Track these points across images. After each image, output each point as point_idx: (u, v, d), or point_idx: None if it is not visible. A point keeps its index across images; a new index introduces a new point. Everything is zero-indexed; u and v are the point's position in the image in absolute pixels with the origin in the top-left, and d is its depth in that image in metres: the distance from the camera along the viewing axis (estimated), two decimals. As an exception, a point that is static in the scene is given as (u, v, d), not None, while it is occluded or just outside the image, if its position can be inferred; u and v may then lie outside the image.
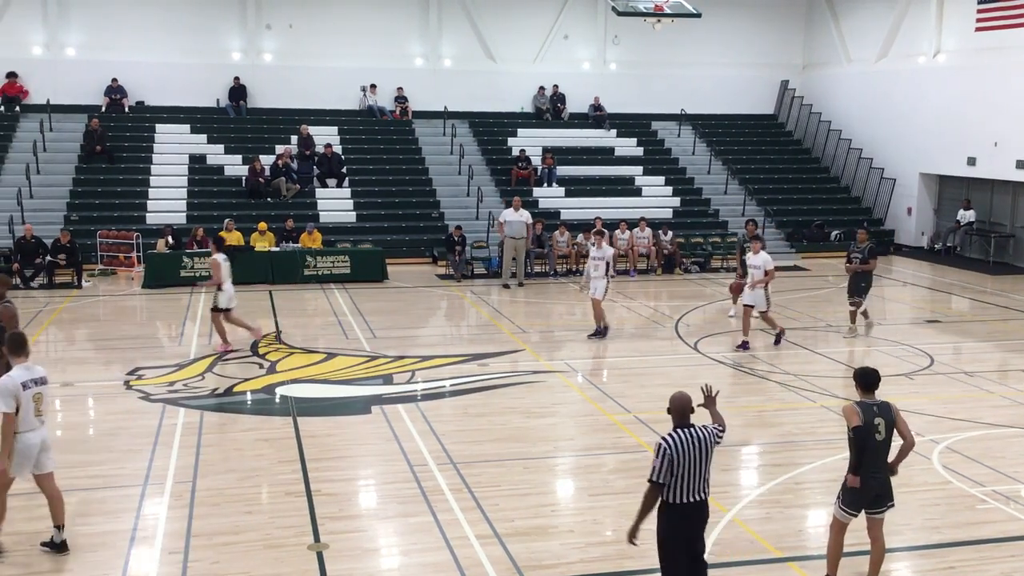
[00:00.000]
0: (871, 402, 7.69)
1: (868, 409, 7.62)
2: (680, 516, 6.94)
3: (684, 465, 6.84)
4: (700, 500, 6.98)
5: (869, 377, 7.78)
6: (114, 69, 29.49)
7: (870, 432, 7.56)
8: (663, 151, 32.19)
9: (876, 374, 7.81)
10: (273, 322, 18.52)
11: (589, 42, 33.30)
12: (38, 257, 22.17)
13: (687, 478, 6.86)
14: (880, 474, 7.66)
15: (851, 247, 17.68)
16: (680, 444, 6.85)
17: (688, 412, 7.03)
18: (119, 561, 8.40)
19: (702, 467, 6.92)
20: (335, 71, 31.06)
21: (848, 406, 7.71)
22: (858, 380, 7.83)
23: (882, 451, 7.65)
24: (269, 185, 27.02)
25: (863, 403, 7.69)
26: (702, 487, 6.97)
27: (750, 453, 11.69)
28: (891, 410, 7.70)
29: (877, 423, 7.58)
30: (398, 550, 8.85)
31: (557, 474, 10.93)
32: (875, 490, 7.65)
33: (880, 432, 7.59)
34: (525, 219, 23.07)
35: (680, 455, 6.82)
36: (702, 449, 6.93)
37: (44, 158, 26.99)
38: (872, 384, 7.77)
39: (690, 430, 6.96)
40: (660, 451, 6.85)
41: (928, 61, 29.30)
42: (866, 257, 17.27)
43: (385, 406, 13.01)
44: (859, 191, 31.50)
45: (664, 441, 6.87)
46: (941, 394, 13.98)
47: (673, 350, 16.67)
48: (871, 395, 7.76)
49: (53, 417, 12.86)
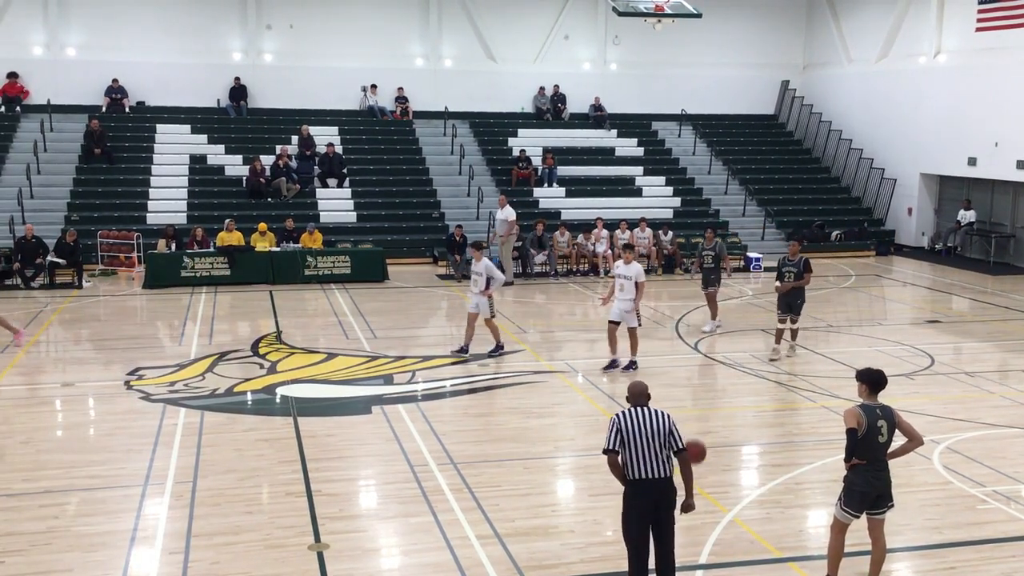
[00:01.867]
0: (874, 405, 7.68)
1: (871, 412, 7.61)
2: (636, 492, 7.25)
3: (636, 441, 7.22)
4: (658, 477, 7.21)
5: (877, 377, 7.76)
6: (115, 69, 29.50)
7: (874, 435, 7.55)
8: (663, 151, 32.19)
9: (884, 376, 7.80)
10: (274, 322, 18.53)
11: (589, 42, 33.31)
12: (39, 257, 22.18)
13: (642, 454, 7.21)
14: (882, 475, 7.66)
15: (782, 260, 16.02)
16: (630, 420, 7.29)
17: (643, 396, 7.47)
18: (120, 561, 8.40)
19: (654, 443, 7.23)
20: (336, 71, 31.07)
21: (851, 410, 7.68)
22: (866, 380, 7.78)
23: (884, 452, 7.66)
24: (270, 185, 27.04)
25: (866, 406, 7.67)
26: (659, 465, 7.22)
27: (750, 453, 11.70)
28: (893, 413, 7.70)
29: (880, 425, 7.58)
30: (399, 550, 8.85)
31: (557, 474, 10.93)
32: (877, 491, 7.66)
33: (883, 434, 7.59)
34: (504, 217, 23.30)
35: (630, 430, 7.24)
36: (655, 428, 7.27)
37: (45, 158, 27.01)
38: (880, 386, 7.76)
39: (643, 410, 7.37)
40: (611, 423, 7.35)
41: (929, 61, 29.30)
42: (801, 271, 15.70)
43: (386, 406, 13.01)
44: (859, 191, 31.50)
45: (616, 415, 7.37)
46: (942, 394, 13.97)
47: (673, 350, 16.66)
48: (875, 397, 7.75)
49: (54, 417, 12.89)
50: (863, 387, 7.81)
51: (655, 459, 7.21)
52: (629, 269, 14.89)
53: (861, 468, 7.61)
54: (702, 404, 13.67)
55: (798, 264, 15.73)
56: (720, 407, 13.46)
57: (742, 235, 28.06)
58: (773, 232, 28.98)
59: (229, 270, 22.57)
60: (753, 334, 17.89)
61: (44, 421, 12.60)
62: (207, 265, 22.55)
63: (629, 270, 14.88)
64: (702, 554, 8.56)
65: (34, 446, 11.38)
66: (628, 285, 14.81)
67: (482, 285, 15.56)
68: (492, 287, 15.66)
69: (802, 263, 15.74)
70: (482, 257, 15.71)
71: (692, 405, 13.63)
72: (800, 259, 15.80)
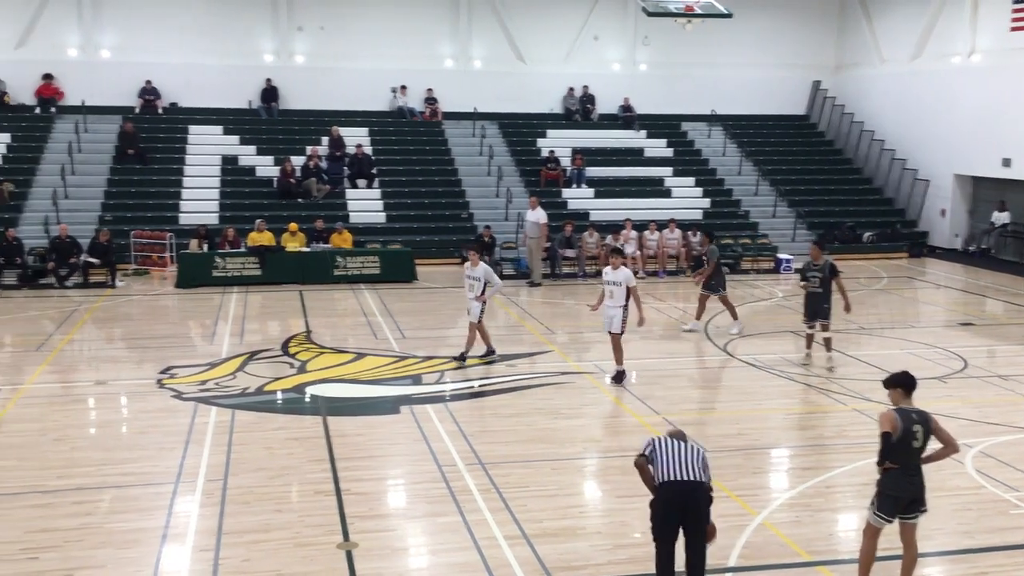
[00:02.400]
0: (910, 409, 7.60)
1: (907, 416, 7.52)
2: (666, 494, 7.32)
3: (668, 452, 7.43)
4: (685, 479, 7.28)
5: (907, 380, 7.71)
6: (148, 71, 29.82)
7: (909, 440, 7.47)
8: (693, 152, 32.05)
9: (913, 377, 7.78)
10: (304, 322, 18.64)
11: (619, 43, 33.24)
12: (73, 257, 22.45)
13: (670, 459, 7.38)
14: (916, 479, 7.58)
15: (807, 264, 15.52)
16: (667, 442, 7.52)
17: (680, 435, 7.68)
18: (151, 558, 8.49)
19: (687, 458, 7.38)
20: (366, 72, 31.21)
21: (886, 413, 7.59)
22: (898, 384, 7.71)
23: (918, 457, 7.58)
24: (300, 186, 27.20)
25: (902, 410, 7.59)
26: (691, 469, 7.32)
27: (780, 456, 11.62)
28: (929, 419, 7.61)
29: (915, 430, 7.49)
30: (426, 550, 8.88)
31: (585, 475, 10.91)
32: (910, 495, 7.58)
33: (918, 439, 7.50)
34: (535, 219, 23.27)
35: (662, 447, 7.47)
36: (687, 452, 7.45)
37: (79, 159, 27.34)
38: (912, 388, 7.71)
39: (680, 441, 7.56)
40: (648, 440, 7.62)
41: (963, 61, 28.97)
42: (827, 276, 15.12)
43: (414, 406, 13.05)
44: (892, 192, 31.21)
45: (654, 439, 7.62)
46: (975, 398, 13.82)
47: (702, 352, 16.59)
48: (909, 400, 7.67)
49: (87, 415, 13.04)
50: (896, 392, 7.74)
51: (685, 464, 7.29)
52: (617, 275, 14.11)
53: (895, 472, 7.53)
54: (732, 406, 13.59)
55: (823, 268, 15.21)
56: (750, 409, 13.38)
57: (772, 236, 27.88)
58: (804, 233, 28.74)
59: (260, 270, 22.74)
60: (783, 336, 17.78)
61: (77, 419, 12.76)
62: (238, 265, 22.73)
63: (618, 275, 14.11)
64: (731, 557, 8.52)
65: (68, 443, 11.52)
66: (617, 291, 14.11)
67: (478, 290, 15.22)
68: (488, 293, 15.31)
69: (827, 268, 15.19)
70: (479, 261, 15.40)
71: (722, 407, 13.56)
72: (825, 263, 15.27)
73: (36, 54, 29.21)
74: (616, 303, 14.12)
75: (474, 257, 15.52)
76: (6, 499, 9.71)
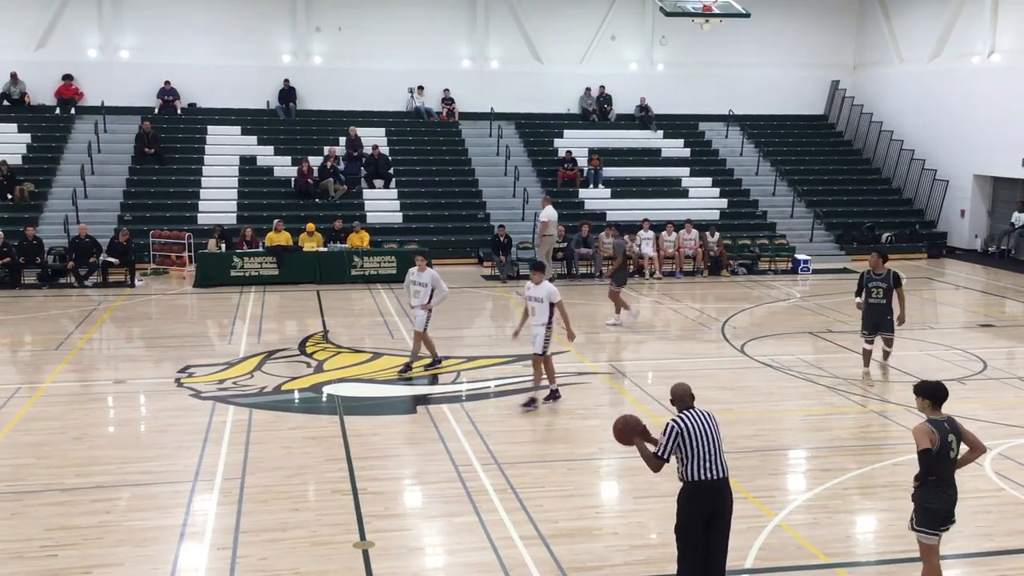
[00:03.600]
0: (941, 419, 7.35)
1: (941, 427, 7.28)
2: (697, 494, 7.17)
3: (695, 443, 7.15)
4: (718, 478, 7.17)
5: (940, 392, 7.41)
6: (167, 71, 30.00)
7: (946, 451, 7.24)
8: (710, 152, 31.97)
9: (945, 388, 7.46)
10: (321, 321, 18.70)
11: (636, 43, 33.19)
12: (92, 256, 22.59)
13: (701, 455, 7.14)
14: (952, 492, 7.35)
15: (867, 275, 14.49)
16: (688, 424, 7.21)
17: (689, 397, 7.42)
18: (169, 556, 8.53)
19: (713, 444, 7.19)
20: (383, 73, 31.29)
21: (922, 427, 7.29)
22: (929, 395, 7.40)
23: (954, 467, 7.36)
24: (317, 186, 27.29)
25: (935, 421, 7.33)
26: (718, 465, 7.18)
27: (797, 457, 11.58)
28: (958, 425, 7.40)
29: (951, 440, 7.27)
30: (443, 549, 8.89)
31: (601, 476, 10.90)
32: (948, 507, 7.35)
33: (954, 448, 7.29)
34: (546, 217, 23.63)
35: (689, 434, 7.16)
36: (708, 428, 7.23)
37: (98, 159, 27.52)
38: (943, 399, 7.41)
39: (695, 411, 7.33)
40: (668, 430, 7.21)
41: (983, 61, 28.79)
42: (891, 286, 14.26)
43: (430, 406, 13.07)
44: (911, 193, 31.03)
45: (673, 421, 7.25)
46: (994, 399, 13.72)
47: (719, 352, 16.55)
48: (939, 410, 7.41)
49: (106, 413, 13.12)
50: (925, 402, 7.42)
51: (715, 460, 7.16)
52: (539, 290, 13.02)
53: (933, 485, 7.29)
54: (749, 407, 13.54)
55: (886, 278, 14.26)
56: (767, 410, 13.33)
57: (790, 237, 27.78)
58: (822, 234, 28.66)
59: (277, 270, 22.83)
60: (801, 337, 17.71)
61: (96, 417, 12.84)
62: (256, 265, 22.84)
63: (539, 291, 13.01)
64: (748, 558, 8.49)
65: (87, 442, 11.60)
66: (539, 308, 12.99)
67: (424, 297, 14.62)
68: (435, 301, 14.73)
69: (891, 277, 14.27)
70: (426, 267, 14.80)
71: (739, 408, 13.52)
72: (887, 272, 14.31)
73: (56, 55, 29.44)
74: (539, 320, 13.02)
75: (421, 262, 14.85)
76: (26, 497, 9.78)
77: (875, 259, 14.49)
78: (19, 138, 28.21)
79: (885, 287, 14.29)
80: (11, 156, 26.98)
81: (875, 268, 14.40)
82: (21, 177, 26.42)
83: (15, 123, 28.56)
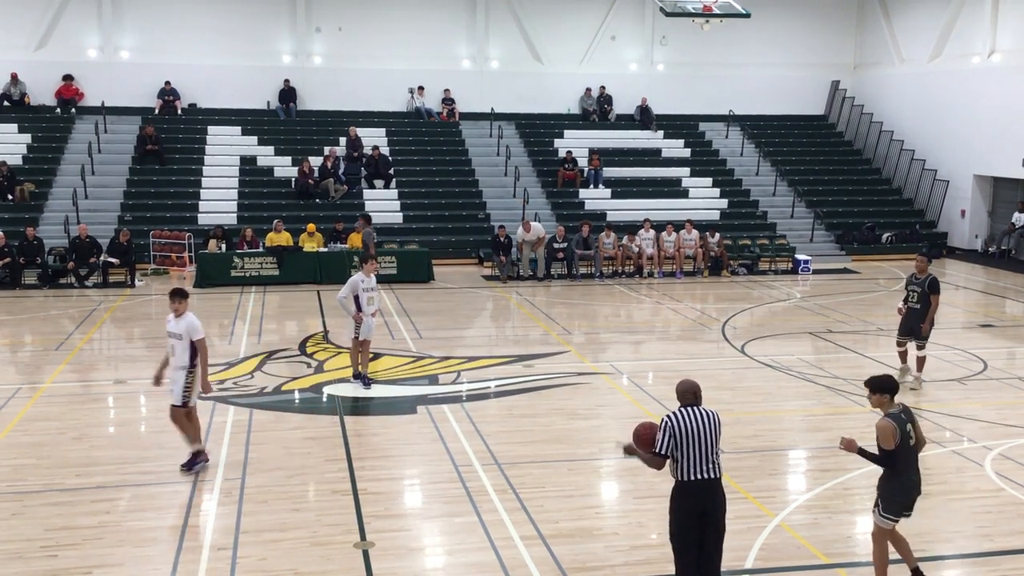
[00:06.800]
0: (897, 411, 7.59)
1: (899, 419, 7.53)
2: (688, 493, 7.17)
3: (688, 441, 7.11)
4: (709, 478, 7.15)
5: (893, 384, 7.66)
6: (167, 72, 30.01)
7: (906, 443, 7.50)
8: (711, 152, 31.97)
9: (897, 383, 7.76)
10: (321, 322, 18.70)
11: (636, 43, 33.19)
12: (92, 257, 22.59)
13: (693, 455, 7.11)
14: (916, 479, 7.62)
15: (910, 277, 14.25)
16: (682, 420, 7.16)
17: (692, 394, 7.32)
18: (169, 556, 8.53)
19: (708, 445, 7.15)
20: (383, 73, 31.30)
21: (886, 426, 7.45)
22: (887, 389, 7.59)
23: (916, 453, 7.64)
24: (318, 186, 27.29)
25: (894, 415, 7.53)
26: (710, 466, 7.15)
27: (798, 457, 11.58)
28: (911, 412, 7.67)
29: (908, 429, 7.54)
30: (443, 550, 8.89)
31: (602, 476, 10.90)
32: (914, 497, 7.62)
33: (912, 436, 7.58)
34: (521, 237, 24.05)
35: (681, 430, 7.11)
36: (707, 428, 7.17)
37: (99, 159, 27.52)
38: (896, 391, 7.67)
39: (694, 409, 7.25)
40: (663, 426, 7.19)
41: (983, 61, 28.79)
42: (927, 292, 13.85)
43: (431, 406, 13.07)
44: (911, 193, 31.04)
45: (667, 416, 7.22)
46: (994, 399, 13.72)
47: (719, 353, 16.55)
48: (893, 403, 7.63)
49: (106, 414, 13.12)
50: (885, 397, 7.59)
51: (706, 460, 7.14)
52: (179, 324, 10.33)
53: (898, 475, 7.55)
54: (749, 407, 13.54)
55: (922, 283, 13.90)
56: (768, 410, 13.33)
57: (790, 237, 27.77)
58: (822, 234, 28.65)
59: (278, 270, 22.84)
60: (801, 337, 17.71)
61: (96, 417, 12.84)
62: (256, 265, 22.84)
63: (179, 325, 10.33)
64: (748, 559, 8.50)
65: (87, 442, 11.60)
66: (179, 347, 10.30)
67: (377, 303, 14.10)
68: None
69: (928, 283, 13.85)
70: (372, 270, 13.94)
71: (739, 408, 13.51)
72: (928, 278, 13.89)
73: (56, 55, 29.45)
74: (178, 363, 10.33)
75: (374, 266, 14.10)
76: (26, 497, 9.78)
77: (921, 262, 14.13)
78: (19, 138, 28.22)
79: (920, 291, 13.95)
80: (11, 156, 26.99)
81: (919, 271, 14.07)
82: (21, 177, 26.43)
83: (15, 123, 28.56)
